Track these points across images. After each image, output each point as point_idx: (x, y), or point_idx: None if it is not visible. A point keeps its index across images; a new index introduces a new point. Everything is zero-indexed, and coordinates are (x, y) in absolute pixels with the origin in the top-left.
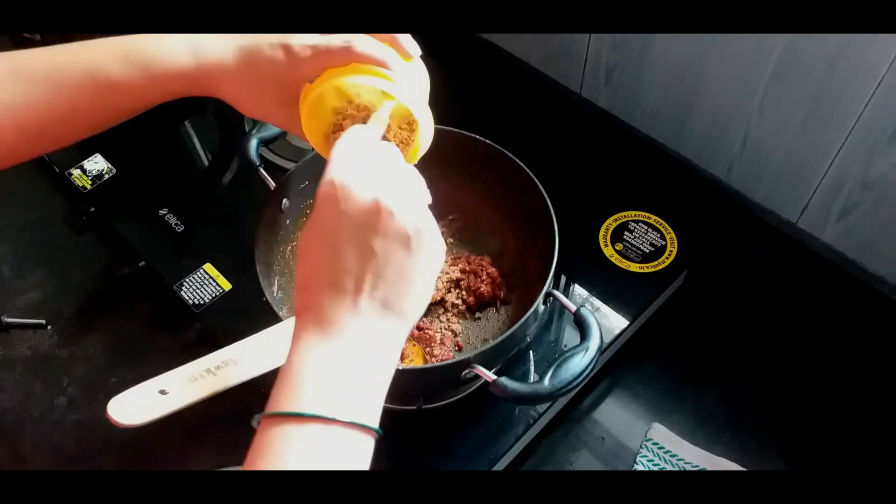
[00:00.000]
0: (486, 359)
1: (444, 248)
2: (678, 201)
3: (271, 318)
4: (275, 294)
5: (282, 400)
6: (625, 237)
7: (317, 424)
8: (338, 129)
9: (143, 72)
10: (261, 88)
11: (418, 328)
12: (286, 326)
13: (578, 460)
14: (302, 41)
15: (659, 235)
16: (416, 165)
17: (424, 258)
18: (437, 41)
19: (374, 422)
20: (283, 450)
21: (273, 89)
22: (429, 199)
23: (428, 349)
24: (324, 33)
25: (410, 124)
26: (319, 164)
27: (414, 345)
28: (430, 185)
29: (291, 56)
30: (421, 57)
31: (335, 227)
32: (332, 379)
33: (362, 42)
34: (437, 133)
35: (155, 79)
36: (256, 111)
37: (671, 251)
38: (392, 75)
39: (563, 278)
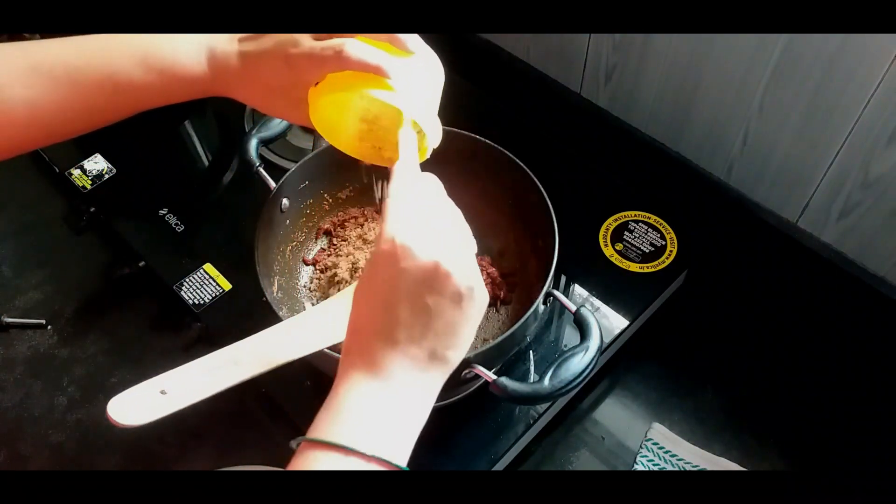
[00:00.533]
0: (486, 359)
1: (488, 297)
2: (678, 201)
3: (271, 317)
4: (275, 294)
5: (326, 427)
6: (625, 237)
7: (355, 458)
8: (365, 136)
9: (162, 76)
10: (271, 94)
11: None
12: (286, 326)
13: (578, 460)
14: (298, 50)
15: (659, 235)
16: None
17: (473, 311)
18: (438, 41)
19: (405, 461)
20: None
21: (282, 94)
22: (475, 248)
23: None
24: (324, 33)
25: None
26: (319, 164)
27: None
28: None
29: (291, 65)
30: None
31: (393, 284)
32: (375, 418)
33: (354, 48)
34: None
35: (173, 83)
36: (273, 112)
37: (671, 251)
38: (391, 79)
39: (563, 278)
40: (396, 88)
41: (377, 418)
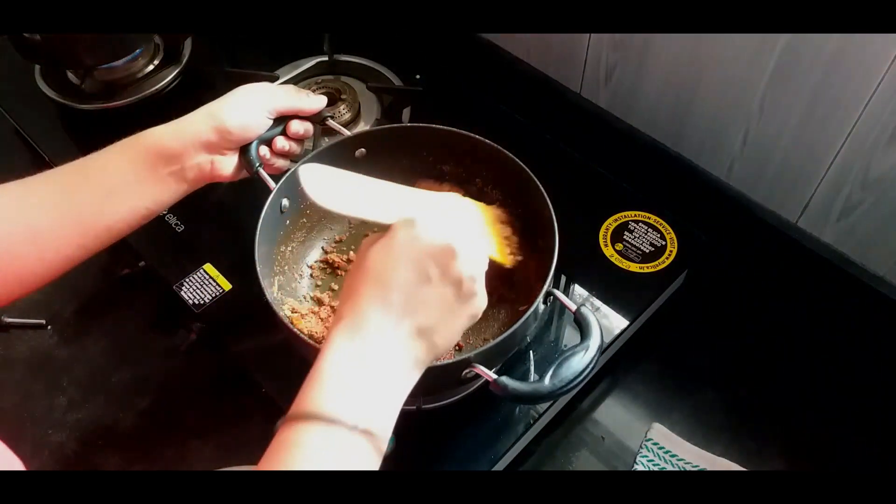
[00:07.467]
0: (486, 358)
1: (485, 304)
2: (678, 201)
3: (271, 317)
4: (275, 294)
5: (308, 399)
6: (625, 237)
7: (339, 429)
8: None
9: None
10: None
11: None
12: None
13: (578, 460)
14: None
15: (659, 235)
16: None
17: (467, 305)
18: (438, 41)
19: (388, 431)
20: (295, 452)
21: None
22: (486, 266)
23: None
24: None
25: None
26: (319, 164)
27: None
28: (432, 184)
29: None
30: (422, 58)
31: (404, 248)
32: (357, 387)
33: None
34: (438, 132)
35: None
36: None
37: (671, 251)
38: None
39: (563, 278)
40: None
41: (359, 386)
